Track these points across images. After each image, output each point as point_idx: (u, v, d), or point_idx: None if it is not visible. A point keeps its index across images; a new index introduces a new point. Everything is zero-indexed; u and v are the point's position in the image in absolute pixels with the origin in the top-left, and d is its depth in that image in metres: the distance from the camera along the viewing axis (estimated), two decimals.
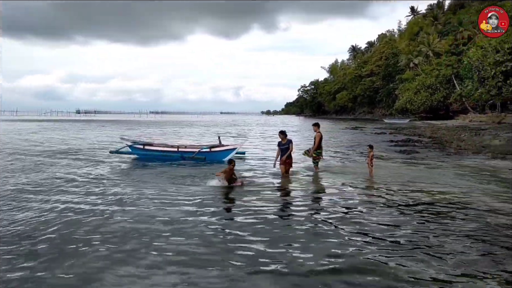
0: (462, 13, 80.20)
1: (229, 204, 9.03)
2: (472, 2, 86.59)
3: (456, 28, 74.11)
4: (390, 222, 7.52)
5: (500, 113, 48.38)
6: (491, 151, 19.55)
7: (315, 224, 7.40)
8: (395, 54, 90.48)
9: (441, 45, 73.36)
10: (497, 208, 8.55)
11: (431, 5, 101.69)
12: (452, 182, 11.75)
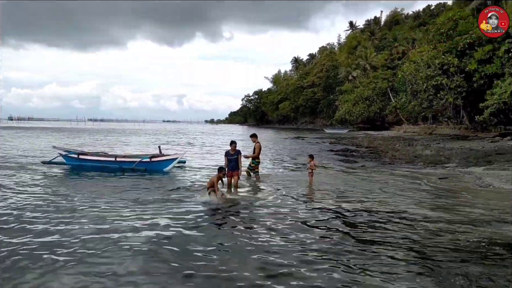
0: (397, 29, 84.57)
1: (168, 214, 8.83)
2: (406, 19, 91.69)
3: (391, 43, 77.93)
4: (325, 229, 7.68)
5: (431, 125, 51.29)
6: (422, 160, 20.59)
7: (253, 234, 7.40)
8: (335, 67, 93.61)
9: (377, 59, 76.78)
10: (428, 215, 8.98)
11: (369, 20, 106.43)
12: (386, 190, 12.23)
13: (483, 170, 16.15)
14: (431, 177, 15.12)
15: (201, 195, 10.65)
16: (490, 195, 11.43)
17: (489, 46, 30.71)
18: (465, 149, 24.82)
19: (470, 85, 33.87)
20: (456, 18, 36.64)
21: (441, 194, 11.68)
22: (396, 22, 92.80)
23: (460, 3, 55.46)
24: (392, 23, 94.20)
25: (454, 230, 7.71)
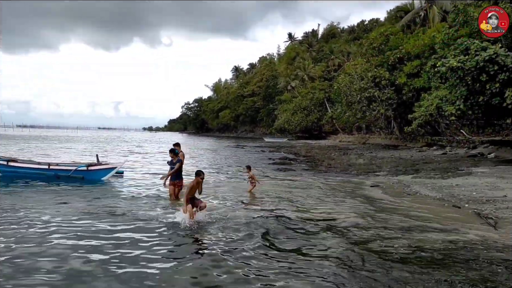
0: (333, 42, 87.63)
1: (98, 225, 8.51)
2: (342, 33, 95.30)
3: (328, 56, 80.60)
4: (262, 236, 7.74)
5: (365, 135, 53.55)
6: (356, 169, 21.41)
7: (193, 240, 7.31)
8: (275, 77, 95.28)
9: (315, 71, 79.09)
10: (359, 222, 9.32)
11: (307, 32, 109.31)
12: (321, 198, 12.57)
13: (411, 178, 17.07)
14: (363, 185, 15.75)
15: (175, 211, 9.48)
16: (417, 202, 12.09)
17: (417, 61, 32.68)
18: (395, 158, 26.14)
19: (400, 98, 35.82)
20: (387, 34, 38.66)
21: (371, 202, 12.18)
22: (333, 35, 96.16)
23: (391, 20, 58.57)
24: (329, 36, 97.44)
25: (383, 237, 8.05)
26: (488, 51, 21.69)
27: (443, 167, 19.79)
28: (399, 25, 46.65)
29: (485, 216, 9.53)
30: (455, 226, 8.89)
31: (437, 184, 14.97)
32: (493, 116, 26.25)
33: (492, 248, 7.14)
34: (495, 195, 12.05)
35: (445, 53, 24.66)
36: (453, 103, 23.63)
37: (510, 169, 17.52)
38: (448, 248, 7.19)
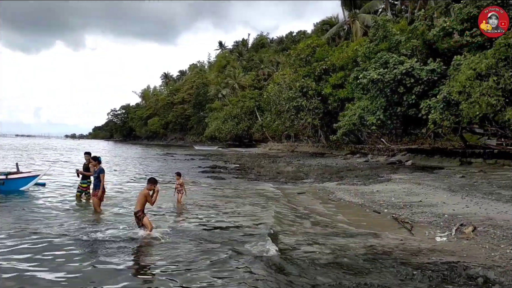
0: (263, 52, 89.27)
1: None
2: (271, 43, 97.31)
3: (258, 65, 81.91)
4: (189, 244, 7.60)
5: (294, 143, 54.86)
6: (284, 177, 21.82)
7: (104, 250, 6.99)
8: (205, 84, 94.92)
9: (245, 79, 79.95)
10: (285, 229, 9.45)
11: (237, 41, 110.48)
12: (249, 205, 12.62)
13: (336, 185, 17.70)
14: (290, 192, 16.07)
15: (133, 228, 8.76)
16: (341, 208, 12.53)
17: (341, 73, 34.13)
18: (322, 165, 27.00)
19: (326, 107, 37.19)
20: (314, 46, 40.08)
21: (298, 208, 12.45)
22: (262, 45, 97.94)
23: (317, 32, 60.85)
24: (258, 46, 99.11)
25: (308, 242, 8.22)
26: (405, 65, 23.25)
27: (365, 174, 20.73)
28: (325, 38, 48.53)
29: (402, 221, 10.08)
30: (375, 230, 9.31)
31: (360, 190, 15.64)
32: (410, 126, 28.08)
33: (408, 252, 7.54)
34: (411, 200, 12.81)
35: (367, 66, 26.01)
36: (374, 113, 24.95)
37: (425, 175, 18.75)
38: (369, 253, 7.50)
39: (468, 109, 17.69)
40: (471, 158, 22.11)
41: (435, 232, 8.85)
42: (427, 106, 21.50)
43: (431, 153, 25.83)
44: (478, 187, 14.49)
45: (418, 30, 26.02)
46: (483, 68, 17.06)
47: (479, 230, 8.61)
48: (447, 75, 21.61)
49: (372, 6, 47.09)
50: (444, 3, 24.76)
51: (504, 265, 6.50)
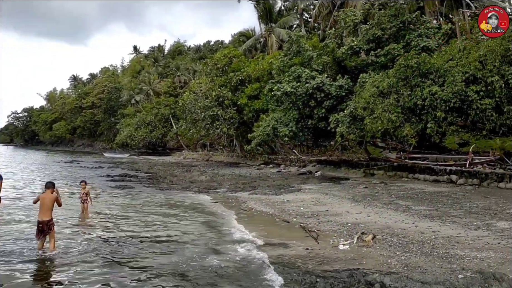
0: (180, 59, 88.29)
1: None
2: (188, 50, 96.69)
3: (174, 72, 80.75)
4: (87, 255, 7.18)
5: (209, 152, 54.66)
6: (197, 186, 21.59)
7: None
8: (118, 89, 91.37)
9: (161, 86, 78.31)
10: (196, 239, 9.32)
11: (153, 47, 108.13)
12: (159, 215, 12.30)
13: (248, 194, 17.88)
14: (202, 202, 15.94)
15: None
16: (252, 217, 12.65)
17: (256, 84, 34.80)
18: (236, 175, 27.18)
19: (242, 118, 37.63)
20: (231, 56, 40.45)
21: (209, 218, 12.36)
22: (179, 52, 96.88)
23: (235, 43, 61.61)
24: (175, 53, 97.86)
25: (218, 251, 8.18)
26: (316, 80, 24.31)
27: (277, 184, 21.21)
28: (241, 49, 49.26)
29: (309, 230, 10.41)
30: (284, 240, 9.51)
31: (271, 200, 15.95)
32: (320, 138, 29.35)
33: (313, 260, 7.79)
34: (318, 210, 13.32)
35: (281, 79, 26.79)
36: (286, 125, 25.72)
37: (332, 186, 19.64)
38: (276, 262, 7.62)
39: (371, 124, 18.90)
40: (374, 169, 23.61)
41: (339, 240, 9.26)
42: (335, 120, 22.61)
43: (338, 164, 27.16)
44: (379, 197, 15.47)
45: (329, 47, 27.38)
46: (385, 86, 18.39)
47: (378, 238, 9.15)
48: (354, 92, 22.95)
49: (287, 22, 48.84)
50: (353, 24, 26.33)
51: (399, 271, 6.95)
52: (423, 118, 17.31)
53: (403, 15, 23.73)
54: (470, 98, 15.62)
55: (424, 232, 9.59)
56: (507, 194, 14.66)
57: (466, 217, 11.03)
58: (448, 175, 18.83)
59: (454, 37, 27.10)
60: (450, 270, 6.86)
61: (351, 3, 34.52)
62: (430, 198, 14.73)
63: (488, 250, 7.96)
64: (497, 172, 17.08)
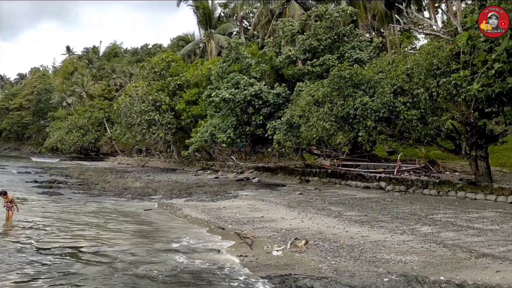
0: (116, 61, 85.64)
1: None
2: (125, 53, 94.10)
3: (109, 75, 78.17)
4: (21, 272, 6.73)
5: (145, 157, 53.34)
6: (131, 192, 20.97)
7: None
8: (48, 91, 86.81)
9: (95, 88, 75.43)
10: (126, 248, 9.03)
11: (87, 48, 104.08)
12: (89, 223, 11.80)
13: (184, 201, 17.63)
14: (135, 209, 15.50)
15: None
16: (187, 224, 12.48)
17: (195, 89, 34.53)
18: (172, 181, 26.74)
19: (179, 123, 37.10)
20: (169, 60, 39.84)
21: (142, 226, 12.04)
22: (115, 54, 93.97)
23: (173, 47, 60.82)
24: (111, 55, 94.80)
25: (151, 261, 7.97)
26: (254, 87, 24.55)
27: (214, 190, 21.10)
28: (180, 54, 48.72)
29: (244, 236, 10.43)
30: (217, 246, 9.46)
31: (207, 206, 15.83)
32: (258, 145, 29.62)
33: (246, 266, 7.81)
34: (254, 216, 13.40)
35: (219, 85, 26.77)
36: (224, 131, 25.71)
37: (269, 192, 19.87)
38: (211, 268, 7.56)
39: (307, 132, 19.36)
40: (309, 176, 24.18)
41: (273, 246, 9.35)
42: (272, 127, 22.92)
43: (275, 171, 27.52)
44: (313, 203, 15.85)
45: (267, 55, 27.80)
46: (320, 95, 18.93)
47: (310, 244, 9.35)
48: (291, 100, 23.41)
49: (227, 28, 49.03)
50: (290, 34, 26.90)
51: (329, 275, 7.13)
52: (355, 127, 17.99)
53: (337, 27, 24.63)
54: (398, 109, 16.45)
55: (354, 237, 9.93)
56: (430, 200, 15.57)
57: (393, 222, 11.57)
58: (378, 181, 19.70)
59: (385, 51, 28.57)
60: (377, 273, 7.14)
61: (289, 13, 35.32)
62: (361, 204, 15.32)
63: (412, 253, 8.39)
64: (422, 179, 18.12)
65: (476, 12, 12.09)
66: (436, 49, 15.30)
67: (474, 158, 16.26)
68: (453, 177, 18.44)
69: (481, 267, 7.35)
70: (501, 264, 7.40)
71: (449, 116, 15.22)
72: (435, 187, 17.05)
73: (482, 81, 11.35)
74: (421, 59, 15.60)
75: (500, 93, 11.86)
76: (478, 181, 15.90)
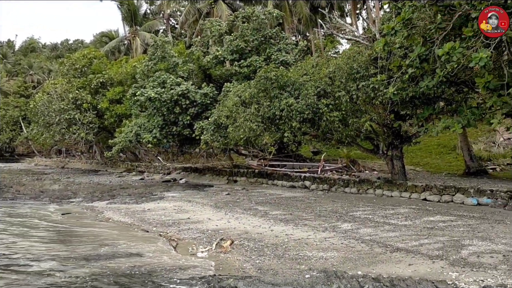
0: (33, 57, 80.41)
1: None
2: (43, 48, 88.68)
3: (26, 71, 73.23)
4: None
5: (65, 158, 50.65)
6: (49, 196, 19.79)
7: None
8: None
9: (10, 85, 70.22)
10: (42, 254, 8.50)
11: (1, 42, 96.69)
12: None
13: (107, 204, 16.94)
14: (53, 213, 14.65)
15: None
16: (109, 228, 11.99)
17: (119, 88, 33.33)
18: (94, 183, 25.61)
19: (102, 122, 35.58)
20: (91, 57, 38.09)
21: (61, 230, 11.41)
22: (33, 49, 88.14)
23: (96, 44, 58.28)
24: (28, 50, 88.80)
25: (67, 268, 7.56)
26: (181, 86, 24.19)
27: (139, 192, 20.50)
28: (104, 50, 46.80)
29: (169, 238, 10.23)
30: (140, 250, 9.18)
31: (131, 209, 15.33)
32: (185, 145, 29.21)
33: (170, 269, 7.66)
34: (180, 218, 13.19)
35: (145, 84, 26.07)
36: (150, 131, 25.05)
37: (196, 193, 19.68)
38: (133, 273, 7.31)
39: (234, 132, 19.41)
40: (237, 176, 24.29)
41: (198, 247, 9.26)
42: (200, 127, 22.71)
43: (203, 172, 27.33)
44: (240, 203, 15.93)
45: (195, 55, 27.50)
46: (247, 96, 19.07)
47: (236, 244, 9.38)
48: (218, 100, 23.36)
49: (153, 26, 47.95)
50: (218, 34, 26.83)
51: (253, 275, 7.19)
52: (281, 128, 18.32)
53: (264, 29, 25.00)
54: (321, 110, 17.01)
55: (279, 236, 10.11)
56: (351, 198, 16.28)
57: (316, 220, 11.94)
58: (303, 181, 20.26)
59: (309, 54, 29.48)
60: (299, 270, 7.32)
61: (217, 13, 35.29)
62: (286, 203, 15.65)
63: (333, 250, 8.71)
64: (343, 178, 18.90)
65: (392, 20, 12.81)
66: (356, 54, 16.01)
67: (390, 157, 17.24)
68: (372, 175, 19.48)
69: (395, 260, 7.79)
70: (413, 258, 7.89)
71: (367, 118, 16.00)
72: (355, 185, 17.85)
73: (397, 85, 12.05)
74: (342, 63, 16.25)
75: (413, 96, 12.67)
76: (394, 179, 16.89)
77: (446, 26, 9.90)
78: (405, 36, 10.99)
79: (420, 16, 10.56)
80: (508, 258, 7.55)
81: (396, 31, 11.15)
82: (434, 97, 13.32)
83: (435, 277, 6.72)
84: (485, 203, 13.28)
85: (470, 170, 18.50)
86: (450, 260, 7.60)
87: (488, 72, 9.49)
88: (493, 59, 9.52)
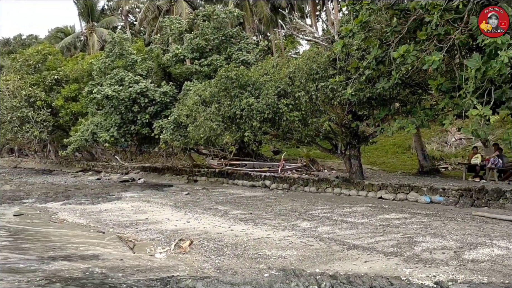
0: None
1: None
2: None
3: None
4: None
5: (17, 158, 48.66)
6: (0, 196, 18.93)
7: None
8: None
9: None
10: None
11: None
12: None
13: (61, 204, 16.39)
14: (3, 214, 14.03)
15: None
16: (63, 230, 11.61)
17: (75, 85, 32.30)
18: (48, 183, 24.77)
19: (57, 121, 34.38)
20: (46, 53, 36.72)
21: (13, 233, 10.94)
22: None
23: (51, 39, 56.24)
24: None
25: (23, 269, 7.26)
26: (140, 84, 23.74)
27: (95, 192, 19.96)
28: (59, 46, 45.24)
29: (126, 240, 10.01)
30: (95, 251, 8.94)
31: (86, 210, 14.90)
32: (144, 144, 28.68)
33: (126, 271, 7.49)
34: (138, 218, 12.94)
35: (102, 81, 25.40)
36: (107, 130, 24.43)
37: (155, 193, 19.38)
38: (87, 276, 7.10)
39: (194, 131, 19.23)
40: (197, 176, 24.09)
41: (156, 248, 9.11)
42: (159, 126, 22.35)
43: (162, 171, 26.93)
44: (200, 203, 15.81)
45: (154, 53, 27.04)
46: (207, 95, 18.93)
47: (195, 244, 9.29)
48: (178, 99, 23.08)
49: (111, 22, 46.81)
50: (178, 32, 26.50)
51: (212, 275, 7.15)
52: (242, 127, 18.29)
53: (225, 28, 24.90)
54: (281, 110, 17.11)
55: (239, 235, 10.10)
56: (310, 197, 16.49)
57: (276, 219, 12.02)
58: (263, 180, 20.34)
59: (270, 54, 29.66)
60: (258, 269, 7.34)
61: (177, 11, 34.87)
62: (247, 202, 15.67)
63: (292, 248, 8.79)
64: (303, 177, 19.12)
65: (350, 22, 13.08)
66: (315, 55, 16.23)
67: (348, 157, 17.59)
68: (330, 174, 19.83)
69: (352, 258, 7.96)
70: (369, 255, 8.09)
71: (326, 118, 16.26)
72: (314, 184, 18.10)
73: (355, 86, 12.30)
74: (302, 63, 16.43)
75: (370, 97, 12.99)
76: (351, 178, 17.24)
77: (401, 29, 10.22)
78: (363, 39, 11.28)
79: (377, 19, 10.85)
80: (459, 254, 7.87)
81: (354, 34, 11.41)
82: (390, 99, 13.72)
83: (390, 273, 6.91)
84: (437, 200, 13.78)
85: (423, 169, 19.17)
86: (404, 257, 7.84)
87: (440, 75, 9.89)
88: (446, 62, 9.93)
